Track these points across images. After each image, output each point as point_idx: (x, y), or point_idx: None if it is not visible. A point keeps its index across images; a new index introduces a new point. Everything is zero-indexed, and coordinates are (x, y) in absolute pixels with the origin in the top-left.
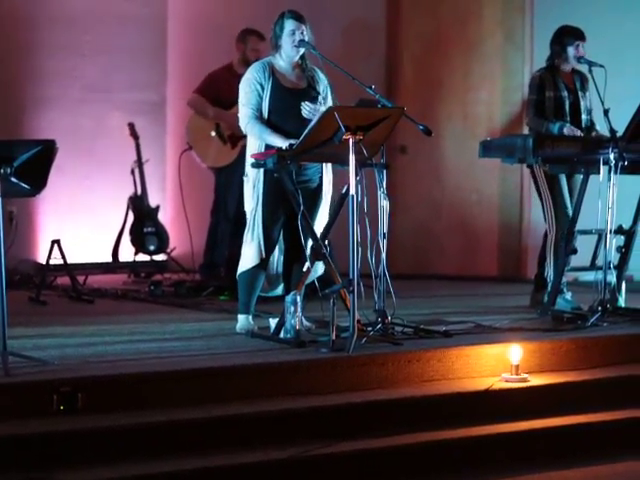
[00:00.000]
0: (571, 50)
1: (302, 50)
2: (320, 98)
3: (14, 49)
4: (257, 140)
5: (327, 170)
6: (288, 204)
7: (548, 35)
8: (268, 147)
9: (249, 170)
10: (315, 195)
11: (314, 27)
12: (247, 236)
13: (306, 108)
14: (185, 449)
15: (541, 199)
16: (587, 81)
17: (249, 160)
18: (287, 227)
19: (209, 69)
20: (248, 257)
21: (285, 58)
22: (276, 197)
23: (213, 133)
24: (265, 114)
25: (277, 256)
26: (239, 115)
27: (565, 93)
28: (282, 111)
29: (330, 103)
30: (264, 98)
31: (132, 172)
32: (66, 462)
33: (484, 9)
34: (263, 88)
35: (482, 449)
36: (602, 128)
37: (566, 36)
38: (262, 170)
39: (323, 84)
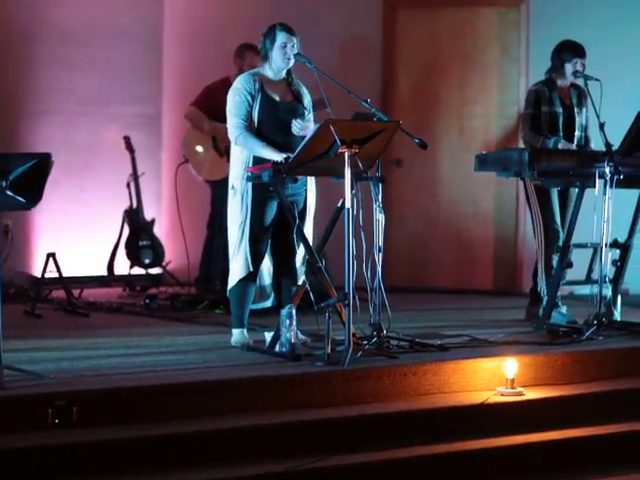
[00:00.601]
0: (569, 67)
1: (292, 63)
2: (306, 113)
3: (10, 63)
4: (245, 152)
5: (311, 184)
6: (276, 217)
7: (544, 49)
8: (256, 159)
9: (236, 182)
10: (302, 209)
11: (310, 41)
12: (234, 250)
13: (297, 126)
14: (181, 463)
15: (531, 213)
16: (585, 96)
17: (236, 173)
18: (275, 240)
19: (205, 83)
20: (236, 271)
21: (275, 70)
22: (264, 209)
23: (200, 148)
24: (255, 124)
25: (267, 268)
26: (228, 125)
27: (560, 109)
28: (271, 123)
29: (312, 117)
30: (254, 108)
31: (128, 185)
32: (61, 476)
33: (480, 23)
34: (253, 98)
35: (478, 463)
36: (598, 143)
37: (566, 52)
38: (250, 183)
39: (307, 99)
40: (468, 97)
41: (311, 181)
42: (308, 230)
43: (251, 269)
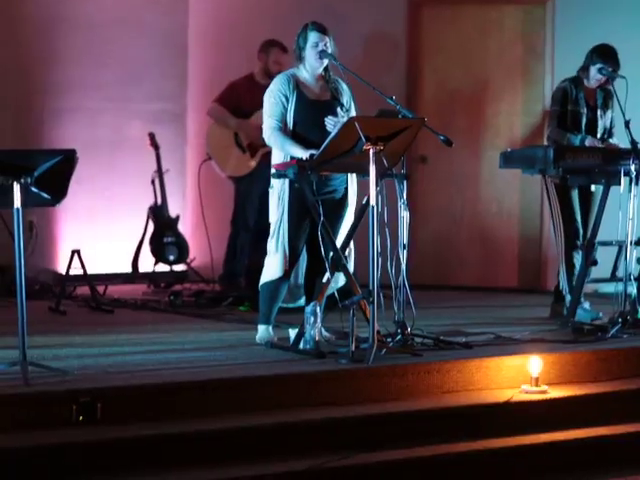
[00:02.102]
0: (593, 70)
1: (326, 62)
2: (344, 110)
3: (34, 59)
4: (280, 151)
5: (352, 181)
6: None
7: (569, 46)
8: (293, 158)
9: (274, 181)
10: (340, 206)
11: (336, 38)
12: (271, 247)
13: (330, 122)
14: (204, 459)
15: (551, 211)
16: (611, 96)
17: (274, 172)
18: (311, 239)
19: (229, 79)
20: (272, 268)
21: (309, 69)
22: (301, 208)
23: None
24: (290, 125)
25: (300, 267)
26: (263, 126)
27: (584, 109)
28: (307, 123)
29: (354, 114)
30: (289, 110)
31: (152, 182)
32: (85, 472)
33: (505, 20)
34: (288, 100)
35: (502, 461)
36: (623, 140)
37: (595, 55)
38: (287, 181)
39: (347, 95)
40: (493, 94)
41: (352, 178)
42: (348, 227)
43: (287, 267)
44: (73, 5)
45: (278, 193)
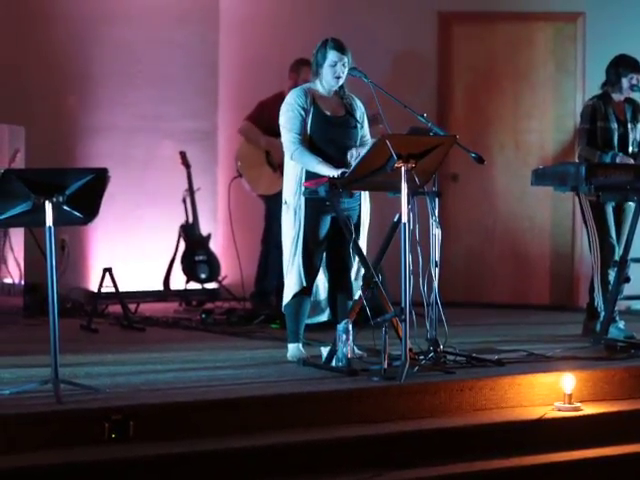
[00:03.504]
0: (625, 82)
1: (341, 81)
2: (359, 126)
3: (67, 78)
4: (299, 167)
5: (365, 199)
6: (329, 231)
7: (600, 63)
8: (309, 174)
9: (289, 197)
10: (356, 223)
11: (366, 56)
12: (287, 265)
13: (353, 155)
14: (236, 477)
15: (587, 228)
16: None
17: (289, 188)
18: (330, 254)
19: (260, 98)
20: (290, 286)
21: (325, 86)
22: (318, 223)
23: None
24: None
25: (322, 283)
26: (283, 140)
27: (615, 125)
28: (323, 138)
29: (367, 129)
30: (306, 123)
31: (183, 200)
32: None
33: (535, 38)
34: (306, 112)
35: (535, 478)
36: None
37: (622, 66)
38: (303, 197)
39: (360, 111)
40: (524, 112)
41: (365, 196)
42: (362, 245)
43: (305, 284)
44: (105, 24)
45: (294, 209)
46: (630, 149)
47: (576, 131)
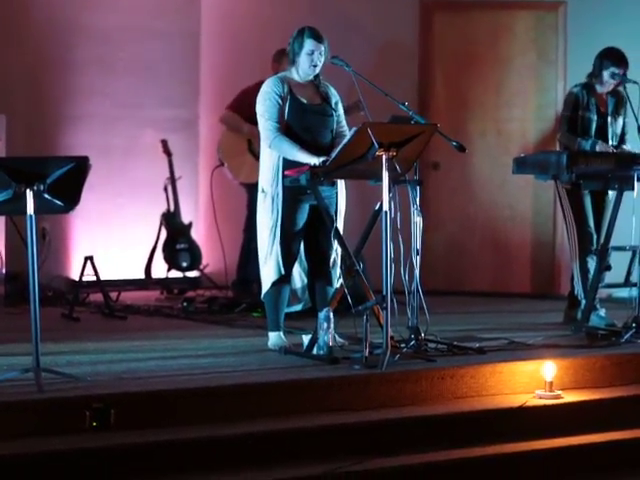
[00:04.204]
0: (606, 74)
1: (318, 70)
2: (335, 114)
3: (46, 67)
4: (275, 155)
5: (342, 188)
6: (307, 219)
7: (581, 52)
8: (286, 162)
9: (266, 186)
10: (334, 212)
11: (347, 45)
12: (265, 254)
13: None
14: (218, 465)
15: (564, 216)
16: (623, 102)
17: (266, 176)
18: (308, 242)
19: (241, 86)
20: (269, 275)
21: (301, 74)
22: (295, 212)
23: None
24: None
25: (297, 272)
26: (260, 128)
27: (594, 116)
28: (299, 126)
29: (343, 117)
30: (284, 111)
31: (165, 189)
32: (98, 479)
33: (517, 27)
34: (283, 101)
35: (516, 466)
36: (637, 146)
37: (606, 59)
38: (280, 185)
39: (335, 99)
40: (505, 100)
41: (341, 185)
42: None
43: (283, 272)
44: (85, 12)
45: (272, 197)
46: (610, 142)
47: (557, 118)
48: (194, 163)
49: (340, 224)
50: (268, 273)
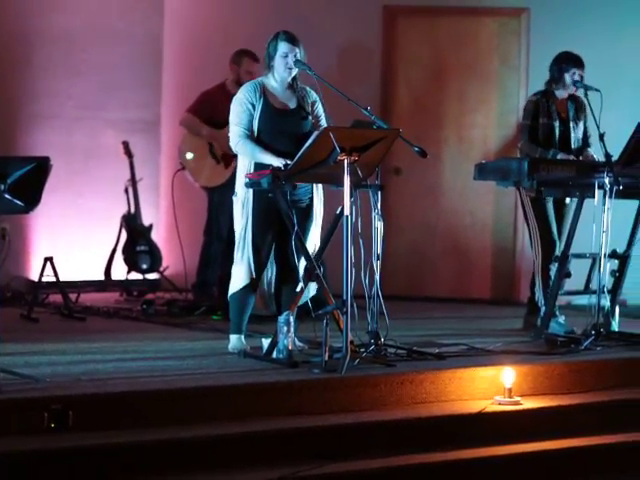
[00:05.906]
0: (568, 77)
1: (295, 72)
2: (310, 117)
3: (9, 66)
4: (247, 159)
5: (317, 190)
6: (278, 224)
7: (544, 58)
8: (258, 167)
9: (239, 189)
10: (305, 215)
11: (310, 48)
12: (237, 256)
13: None
14: (175, 468)
15: (527, 224)
16: (583, 108)
17: (239, 179)
18: (278, 247)
19: (204, 88)
20: (238, 277)
21: (277, 79)
22: (266, 216)
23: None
24: (255, 134)
25: (270, 275)
26: (229, 134)
27: (556, 122)
28: (271, 131)
29: (324, 122)
30: (255, 118)
31: (126, 190)
32: None
33: (480, 33)
34: (254, 107)
35: (475, 472)
36: (598, 153)
37: (565, 62)
38: (251, 189)
39: (311, 100)
40: (468, 106)
41: (317, 188)
42: (315, 237)
43: (254, 275)
44: (47, 14)
45: (242, 201)
46: (573, 147)
47: (518, 126)
48: (155, 165)
49: (317, 227)
50: (238, 275)
